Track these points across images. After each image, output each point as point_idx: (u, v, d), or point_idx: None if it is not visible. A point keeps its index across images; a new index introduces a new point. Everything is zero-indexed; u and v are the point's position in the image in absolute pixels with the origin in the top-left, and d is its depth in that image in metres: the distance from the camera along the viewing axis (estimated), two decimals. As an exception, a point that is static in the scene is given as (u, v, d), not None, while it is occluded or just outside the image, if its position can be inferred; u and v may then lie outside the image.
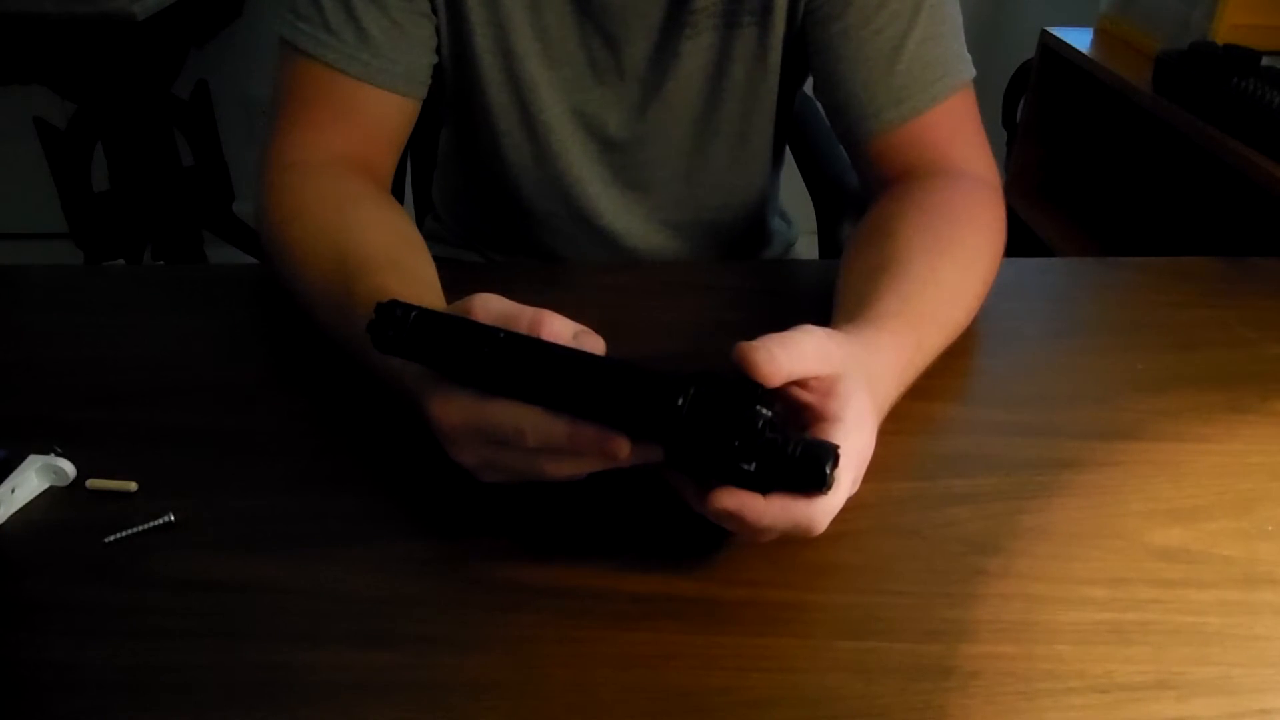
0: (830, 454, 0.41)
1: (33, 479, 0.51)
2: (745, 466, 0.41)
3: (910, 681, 0.41)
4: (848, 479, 0.43)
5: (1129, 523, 0.50)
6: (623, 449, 0.42)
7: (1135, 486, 0.52)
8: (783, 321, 0.46)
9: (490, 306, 0.45)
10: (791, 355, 0.43)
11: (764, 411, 0.41)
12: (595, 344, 0.44)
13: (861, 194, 0.82)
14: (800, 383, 0.45)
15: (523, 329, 0.44)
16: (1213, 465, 0.54)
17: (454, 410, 0.45)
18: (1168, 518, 0.50)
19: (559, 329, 0.44)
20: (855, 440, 0.44)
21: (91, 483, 0.51)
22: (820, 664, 0.42)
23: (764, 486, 0.41)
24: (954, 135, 0.71)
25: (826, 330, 0.47)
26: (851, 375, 0.45)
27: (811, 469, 0.40)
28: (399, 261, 0.59)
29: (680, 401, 0.40)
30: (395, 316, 0.45)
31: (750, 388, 0.42)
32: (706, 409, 0.40)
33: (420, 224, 1.03)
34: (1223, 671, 0.42)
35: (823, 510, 0.42)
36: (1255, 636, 0.44)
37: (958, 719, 0.40)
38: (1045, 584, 0.46)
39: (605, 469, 0.44)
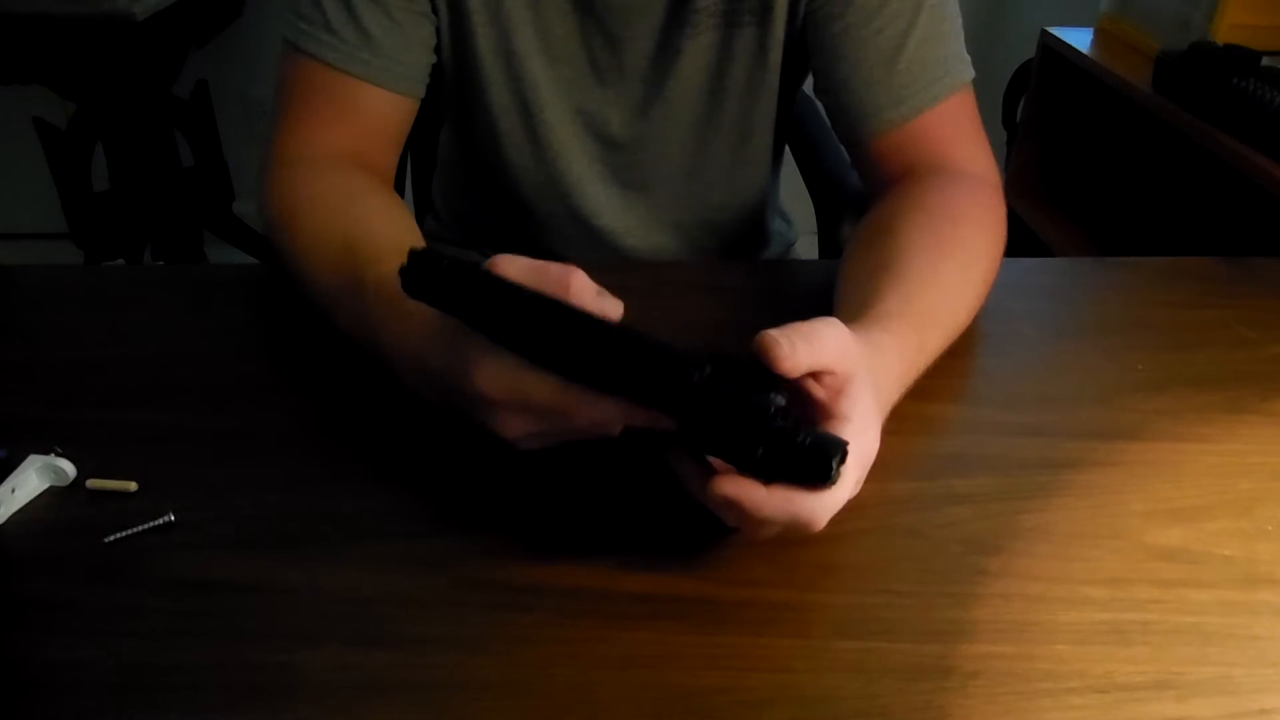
0: (839, 449, 0.41)
1: (33, 479, 0.51)
2: (753, 450, 0.41)
3: (910, 681, 0.41)
4: (851, 479, 0.43)
5: (1129, 523, 0.50)
6: (670, 424, 0.42)
7: (1135, 486, 0.52)
8: (782, 322, 0.46)
9: (518, 262, 0.45)
10: (813, 349, 0.43)
11: (777, 399, 0.41)
12: (615, 306, 0.45)
13: (861, 194, 0.82)
14: (814, 376, 0.45)
15: (551, 282, 0.44)
16: (1213, 465, 0.54)
17: (495, 379, 0.44)
18: (1168, 518, 0.50)
19: (585, 283, 0.44)
20: (861, 442, 0.44)
21: (91, 483, 0.51)
22: (820, 664, 0.42)
23: (768, 474, 0.41)
24: (954, 135, 0.72)
25: (847, 327, 0.47)
26: (861, 376, 0.45)
27: (818, 461, 0.40)
28: (406, 248, 0.59)
29: (695, 378, 0.40)
30: (428, 263, 0.45)
31: (766, 374, 0.42)
32: (720, 389, 0.41)
33: (420, 224, 1.03)
34: (1223, 671, 0.42)
35: (823, 506, 0.42)
36: (1255, 636, 0.44)
37: (958, 719, 0.40)
38: (1045, 584, 0.46)
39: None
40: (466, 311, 0.45)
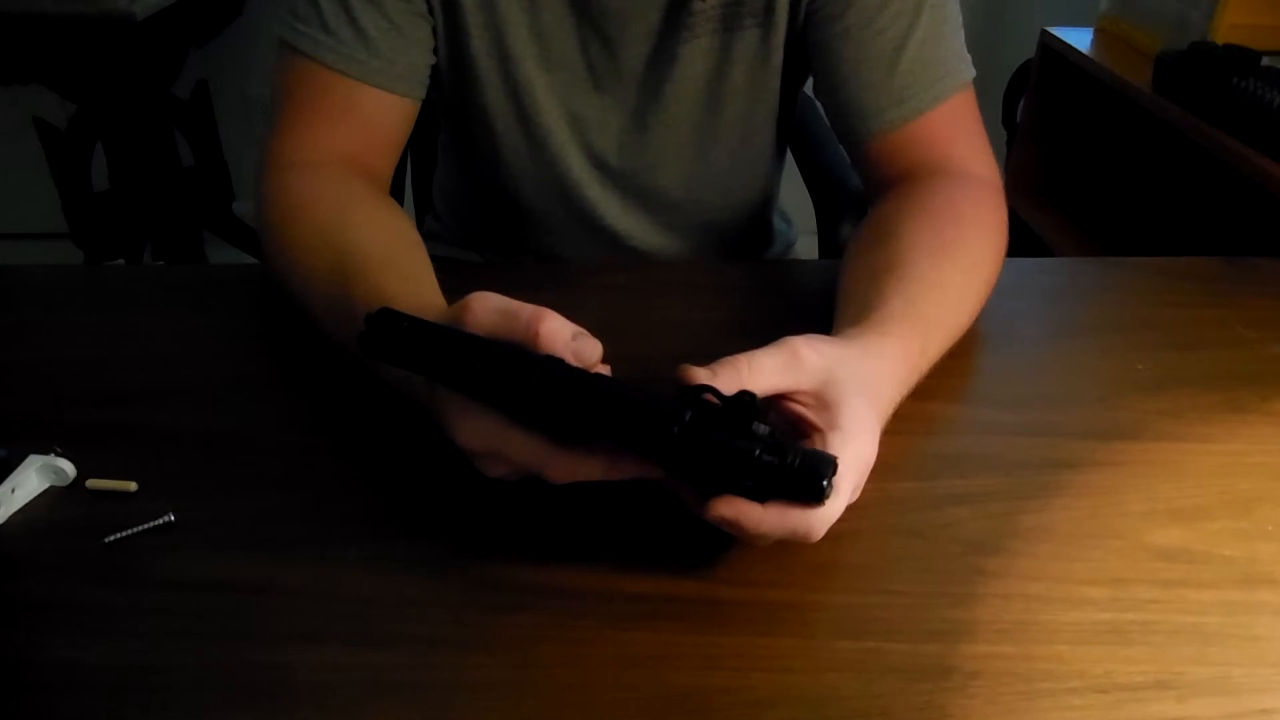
0: (829, 465, 0.41)
1: (33, 479, 0.51)
2: (743, 485, 0.41)
3: (910, 681, 0.41)
4: (848, 486, 0.43)
5: (1129, 523, 0.50)
6: (657, 473, 0.43)
7: (1135, 486, 0.52)
8: (783, 321, 0.46)
9: (489, 304, 0.45)
10: (741, 378, 0.43)
11: (760, 429, 0.41)
12: (593, 347, 0.44)
13: (861, 194, 0.82)
14: (790, 395, 0.45)
15: (521, 326, 0.43)
16: (1213, 465, 0.54)
17: (476, 436, 0.45)
18: (1168, 518, 0.50)
19: (557, 327, 0.43)
20: (855, 448, 0.44)
21: (91, 483, 0.51)
22: (820, 664, 0.42)
23: (762, 497, 0.41)
24: (955, 135, 0.71)
25: (806, 339, 0.47)
26: (841, 382, 0.45)
27: (809, 481, 0.40)
28: (397, 262, 0.59)
29: (674, 430, 0.40)
30: (387, 326, 0.45)
31: (746, 405, 0.41)
32: (701, 436, 0.41)
33: (420, 224, 1.03)
34: (1223, 671, 0.42)
35: (819, 519, 0.42)
36: (1255, 636, 0.44)
37: (958, 719, 0.40)
38: (1045, 584, 0.46)
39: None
40: (432, 369, 0.44)
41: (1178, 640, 0.43)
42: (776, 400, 0.46)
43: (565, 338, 0.43)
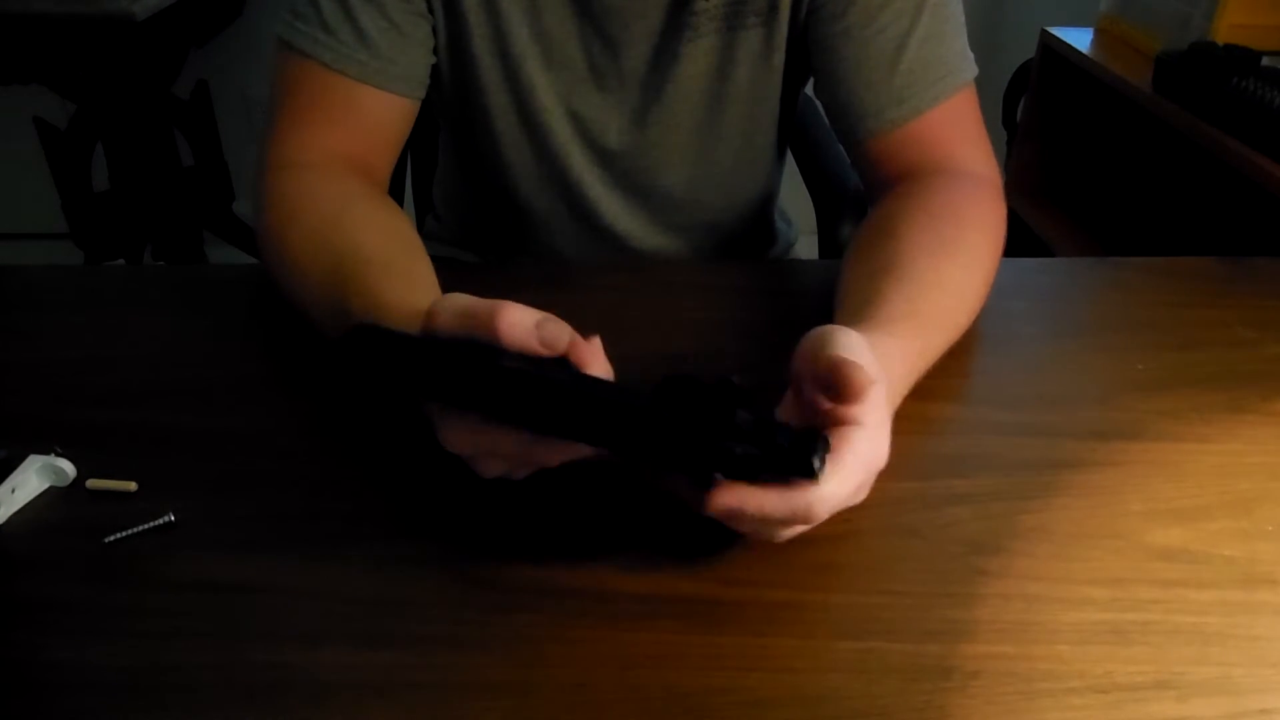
0: (816, 442, 0.41)
1: (33, 479, 0.51)
2: (731, 473, 0.41)
3: (910, 681, 0.41)
4: (855, 481, 0.43)
5: (1129, 523, 0.50)
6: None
7: (1135, 486, 0.52)
8: (783, 321, 0.46)
9: (451, 307, 0.44)
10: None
11: (743, 416, 0.40)
12: (559, 329, 0.43)
13: (861, 194, 0.82)
14: (825, 385, 0.45)
15: (481, 322, 0.43)
16: (1213, 465, 0.54)
17: (461, 439, 0.45)
18: (1168, 518, 0.50)
19: (516, 319, 0.42)
20: (872, 446, 0.44)
21: (91, 483, 0.51)
22: (820, 664, 0.42)
23: (752, 478, 0.41)
24: (956, 134, 0.71)
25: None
26: (882, 382, 0.46)
27: (799, 461, 0.40)
28: (395, 263, 0.58)
29: (652, 431, 0.40)
30: (362, 344, 0.45)
31: (728, 392, 0.41)
32: (678, 435, 0.40)
33: (420, 224, 1.03)
34: (1223, 671, 0.42)
35: (820, 499, 0.41)
36: (1255, 636, 0.44)
37: (958, 719, 0.40)
38: (1045, 584, 0.46)
39: None
40: (410, 384, 0.44)
41: (1178, 640, 0.43)
42: (798, 392, 0.46)
43: (527, 327, 0.43)
